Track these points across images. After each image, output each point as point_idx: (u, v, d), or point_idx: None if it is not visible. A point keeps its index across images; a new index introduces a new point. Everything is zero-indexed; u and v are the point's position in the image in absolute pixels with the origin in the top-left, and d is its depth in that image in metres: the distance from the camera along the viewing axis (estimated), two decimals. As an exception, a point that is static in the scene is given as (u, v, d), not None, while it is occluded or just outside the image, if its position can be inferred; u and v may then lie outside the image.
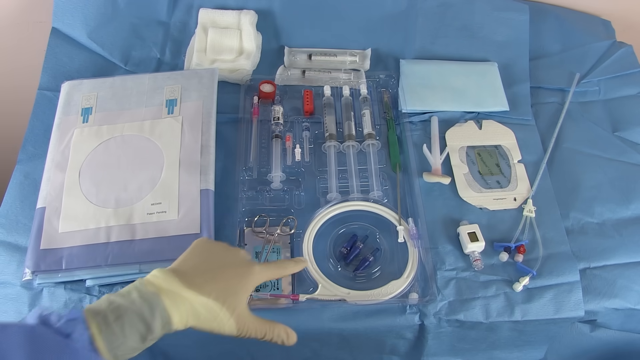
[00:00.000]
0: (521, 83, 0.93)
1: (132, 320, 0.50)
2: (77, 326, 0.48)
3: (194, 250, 0.60)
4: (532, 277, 0.73)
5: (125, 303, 0.51)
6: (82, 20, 0.91)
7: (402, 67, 0.92)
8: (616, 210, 0.80)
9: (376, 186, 0.78)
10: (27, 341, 0.45)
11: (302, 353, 0.76)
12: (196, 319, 0.54)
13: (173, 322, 0.52)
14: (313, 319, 0.70)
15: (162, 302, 0.52)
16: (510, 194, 0.81)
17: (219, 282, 0.56)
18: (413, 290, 0.71)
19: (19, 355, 0.43)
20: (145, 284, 0.53)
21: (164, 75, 0.84)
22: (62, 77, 0.86)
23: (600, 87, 0.95)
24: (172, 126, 0.78)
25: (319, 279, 0.70)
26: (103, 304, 0.51)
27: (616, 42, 1.01)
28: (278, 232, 0.74)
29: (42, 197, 0.74)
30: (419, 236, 0.74)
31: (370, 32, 0.95)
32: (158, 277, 0.54)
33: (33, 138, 0.83)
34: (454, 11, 0.96)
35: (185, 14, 0.94)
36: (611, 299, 0.73)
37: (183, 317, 0.53)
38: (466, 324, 0.71)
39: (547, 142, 0.87)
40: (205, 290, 0.54)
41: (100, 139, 0.78)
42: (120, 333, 0.49)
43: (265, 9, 0.94)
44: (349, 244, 0.74)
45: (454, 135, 0.86)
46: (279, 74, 0.91)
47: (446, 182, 0.80)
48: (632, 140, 0.89)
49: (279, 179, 0.79)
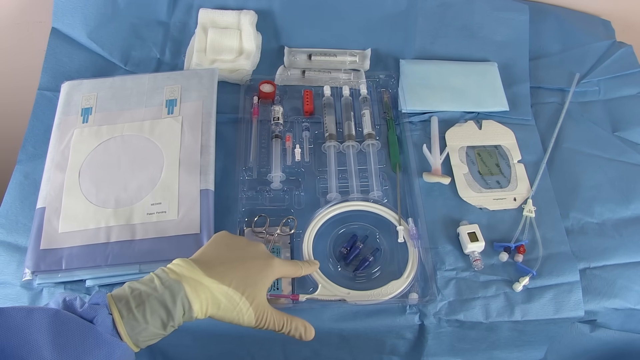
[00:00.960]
0: (521, 83, 0.93)
1: (154, 306, 0.51)
2: (100, 311, 0.49)
3: (214, 242, 0.61)
4: (532, 277, 0.73)
5: (148, 290, 0.52)
6: (82, 20, 0.91)
7: (402, 67, 0.92)
8: (616, 210, 0.80)
9: (376, 186, 0.78)
10: (51, 325, 0.46)
11: (302, 353, 0.76)
12: (216, 308, 0.55)
13: (194, 310, 0.53)
14: (313, 319, 0.69)
15: (184, 290, 0.53)
16: (510, 194, 0.81)
17: (239, 272, 0.57)
18: (413, 291, 0.71)
19: (44, 339, 0.45)
20: (167, 272, 0.54)
21: (163, 76, 0.84)
22: (62, 77, 0.86)
23: (600, 87, 0.95)
24: (172, 126, 0.78)
25: (319, 279, 0.70)
26: (126, 290, 0.52)
27: (616, 42, 1.01)
28: (278, 232, 0.74)
29: (42, 197, 0.74)
30: (419, 236, 0.74)
31: (370, 32, 0.95)
32: (180, 265, 0.55)
33: (33, 138, 0.83)
34: (454, 11, 0.96)
35: (185, 14, 0.94)
36: (611, 299, 0.73)
37: (204, 306, 0.54)
38: (466, 324, 0.71)
39: (547, 142, 0.87)
40: (225, 279, 0.55)
41: (100, 139, 0.78)
42: (142, 319, 0.50)
43: (265, 9, 0.94)
44: (349, 244, 0.74)
45: (453, 135, 0.86)
46: (279, 74, 0.91)
47: (446, 182, 0.80)
48: (632, 140, 0.89)
49: (278, 179, 0.79)
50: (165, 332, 0.52)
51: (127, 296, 0.51)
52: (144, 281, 0.54)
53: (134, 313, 0.50)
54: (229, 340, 0.73)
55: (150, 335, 0.51)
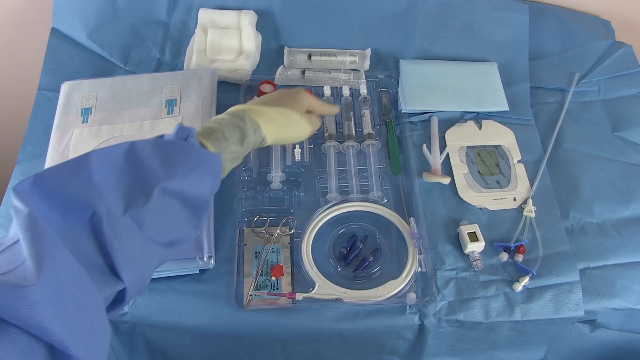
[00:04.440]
0: (521, 83, 0.93)
1: (229, 127, 0.61)
2: (189, 132, 0.56)
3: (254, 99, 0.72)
4: (531, 277, 0.73)
5: (218, 120, 0.63)
6: (82, 20, 0.91)
7: (402, 67, 0.92)
8: (616, 210, 0.80)
9: (376, 186, 0.78)
10: (156, 148, 0.53)
11: (302, 353, 0.76)
12: (278, 126, 0.66)
13: (261, 128, 0.64)
14: (313, 319, 0.70)
15: (248, 114, 0.64)
16: (510, 194, 0.81)
17: (283, 101, 0.69)
18: (411, 291, 0.71)
19: (154, 159, 0.52)
20: (227, 111, 0.64)
21: (163, 76, 0.84)
22: (61, 77, 0.86)
23: (600, 87, 0.95)
24: (172, 126, 0.78)
25: (317, 278, 0.70)
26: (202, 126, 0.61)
27: (616, 42, 1.01)
28: (278, 232, 0.74)
29: (42, 197, 0.74)
30: (419, 236, 0.74)
31: (370, 32, 0.95)
32: (237, 105, 0.66)
33: (33, 138, 0.83)
34: (454, 11, 0.96)
35: (185, 14, 0.94)
36: (611, 299, 0.73)
37: (267, 125, 0.65)
38: (466, 324, 0.71)
39: (546, 142, 0.87)
40: (275, 105, 0.67)
41: (100, 139, 0.78)
42: (222, 137, 0.60)
43: (265, 9, 0.94)
44: (349, 244, 0.74)
45: (453, 135, 0.86)
46: (279, 74, 0.91)
47: (446, 182, 0.80)
48: (632, 140, 0.89)
49: (278, 179, 0.79)
50: (243, 149, 0.62)
51: (205, 127, 0.61)
52: (213, 119, 0.63)
53: (216, 134, 0.59)
54: (229, 340, 0.73)
55: (232, 152, 0.60)
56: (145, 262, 0.50)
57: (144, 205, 0.49)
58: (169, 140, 0.55)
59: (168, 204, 0.52)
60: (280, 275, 0.71)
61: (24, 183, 0.44)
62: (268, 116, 0.65)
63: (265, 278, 0.71)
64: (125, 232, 0.47)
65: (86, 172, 0.48)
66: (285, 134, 0.69)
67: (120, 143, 0.52)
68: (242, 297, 0.70)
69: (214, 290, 0.70)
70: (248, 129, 0.62)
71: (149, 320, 0.69)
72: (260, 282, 0.71)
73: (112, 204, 0.47)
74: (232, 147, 0.60)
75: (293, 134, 0.71)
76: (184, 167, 0.53)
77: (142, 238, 0.49)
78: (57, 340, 0.37)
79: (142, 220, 0.49)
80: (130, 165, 0.51)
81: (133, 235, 0.48)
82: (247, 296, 0.70)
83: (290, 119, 0.68)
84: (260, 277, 0.71)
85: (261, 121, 0.64)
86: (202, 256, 0.69)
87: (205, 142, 0.58)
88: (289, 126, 0.68)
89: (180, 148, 0.54)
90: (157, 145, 0.53)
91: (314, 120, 0.73)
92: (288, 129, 0.69)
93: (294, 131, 0.70)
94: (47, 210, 0.44)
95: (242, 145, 0.61)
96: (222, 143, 0.59)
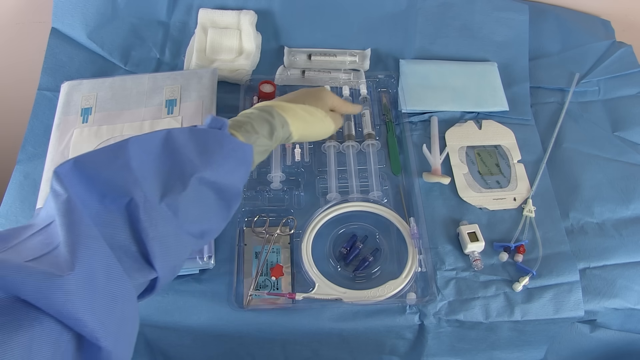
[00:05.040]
0: (521, 83, 0.93)
1: (259, 121, 0.61)
2: (223, 123, 0.57)
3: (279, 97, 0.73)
4: (531, 277, 0.73)
5: (248, 114, 0.63)
6: (82, 20, 0.91)
7: (402, 67, 0.92)
8: (616, 210, 0.80)
9: (376, 186, 0.78)
10: (192, 137, 0.53)
11: (302, 353, 0.76)
12: (303, 122, 0.67)
13: (289, 122, 0.64)
14: (313, 319, 0.70)
15: (276, 109, 0.64)
16: (510, 194, 0.81)
17: (307, 98, 0.70)
18: (411, 291, 0.71)
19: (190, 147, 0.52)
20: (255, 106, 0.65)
21: (163, 76, 0.84)
22: (61, 77, 0.86)
23: (599, 87, 0.95)
24: (172, 126, 0.78)
25: (317, 278, 0.70)
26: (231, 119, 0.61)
27: (616, 42, 1.01)
28: (278, 232, 0.74)
29: (42, 197, 0.74)
30: (419, 236, 0.74)
31: (370, 32, 0.95)
32: (264, 102, 0.67)
33: (33, 138, 0.83)
34: (454, 11, 0.96)
35: (185, 14, 0.94)
36: (611, 299, 0.73)
37: (294, 121, 0.65)
38: (466, 324, 0.71)
39: (546, 142, 0.87)
40: (300, 102, 0.68)
41: (100, 139, 0.77)
42: (252, 129, 0.60)
43: (265, 9, 0.94)
44: (349, 244, 0.74)
45: (453, 135, 0.86)
46: (279, 74, 0.91)
47: (446, 182, 0.80)
48: (632, 140, 0.89)
49: (278, 179, 0.79)
50: (272, 142, 0.62)
51: (235, 120, 0.61)
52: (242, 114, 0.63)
53: (245, 127, 0.60)
54: (229, 340, 0.73)
55: (262, 145, 0.61)
56: (178, 252, 0.50)
57: (180, 194, 0.49)
58: (204, 129, 0.55)
59: (203, 193, 0.52)
60: (280, 275, 0.71)
61: (65, 165, 0.44)
62: (294, 112, 0.66)
63: (265, 278, 0.71)
64: (160, 221, 0.47)
65: (124, 158, 0.48)
66: (311, 131, 0.70)
67: (157, 130, 0.52)
68: (242, 297, 0.70)
69: (214, 290, 0.70)
70: (276, 123, 0.63)
71: (149, 320, 0.69)
72: (260, 282, 0.71)
73: (149, 191, 0.47)
74: (261, 140, 0.61)
75: (318, 131, 0.71)
76: (219, 156, 0.53)
77: (176, 227, 0.49)
78: (88, 330, 0.37)
79: (178, 209, 0.49)
80: (167, 152, 0.51)
81: (168, 223, 0.48)
82: (247, 296, 0.70)
83: (315, 116, 0.69)
84: (260, 277, 0.71)
85: (288, 117, 0.65)
86: (202, 256, 0.69)
87: (236, 134, 0.58)
88: (314, 123, 0.69)
89: (215, 137, 0.55)
90: (193, 134, 0.54)
91: (337, 118, 0.74)
92: (313, 125, 0.69)
93: (319, 128, 0.71)
94: (84, 194, 0.44)
95: (271, 139, 0.62)
96: (252, 135, 0.60)
